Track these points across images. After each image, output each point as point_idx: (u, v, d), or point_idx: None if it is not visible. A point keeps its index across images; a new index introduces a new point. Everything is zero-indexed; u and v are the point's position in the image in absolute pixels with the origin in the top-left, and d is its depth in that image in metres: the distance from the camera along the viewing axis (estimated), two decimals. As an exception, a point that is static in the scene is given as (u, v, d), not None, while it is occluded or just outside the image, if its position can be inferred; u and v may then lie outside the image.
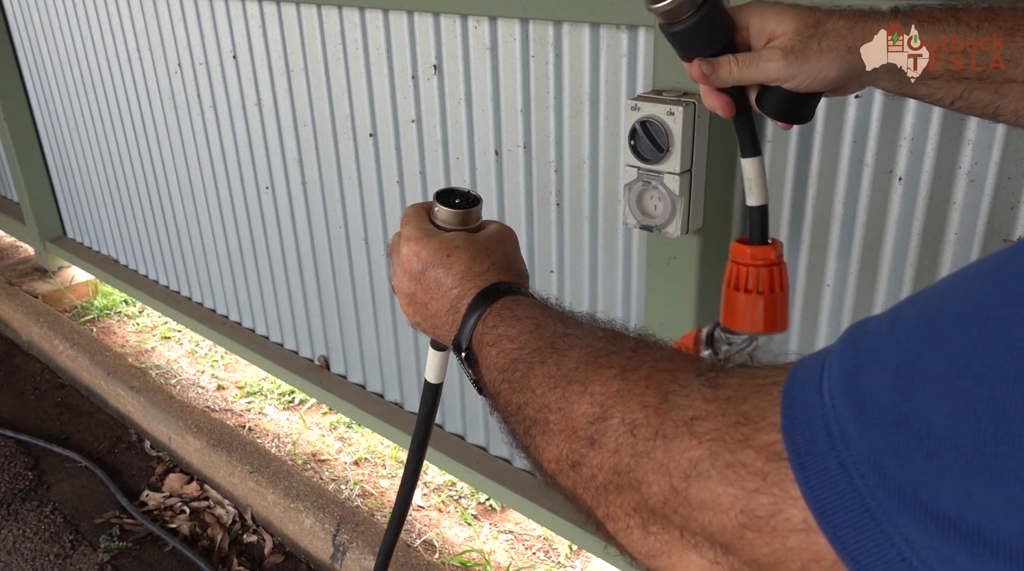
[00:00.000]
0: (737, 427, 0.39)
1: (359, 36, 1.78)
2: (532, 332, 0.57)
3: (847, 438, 0.35)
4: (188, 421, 2.45)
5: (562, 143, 1.52)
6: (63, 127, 3.05)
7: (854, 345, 0.37)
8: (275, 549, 2.16)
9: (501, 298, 0.63)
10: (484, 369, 0.61)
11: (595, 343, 0.52)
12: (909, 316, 0.36)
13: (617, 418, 0.45)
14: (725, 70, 0.70)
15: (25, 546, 2.22)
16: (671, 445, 0.42)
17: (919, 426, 0.32)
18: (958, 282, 0.36)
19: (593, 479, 0.46)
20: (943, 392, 0.32)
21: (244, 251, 2.45)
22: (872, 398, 0.34)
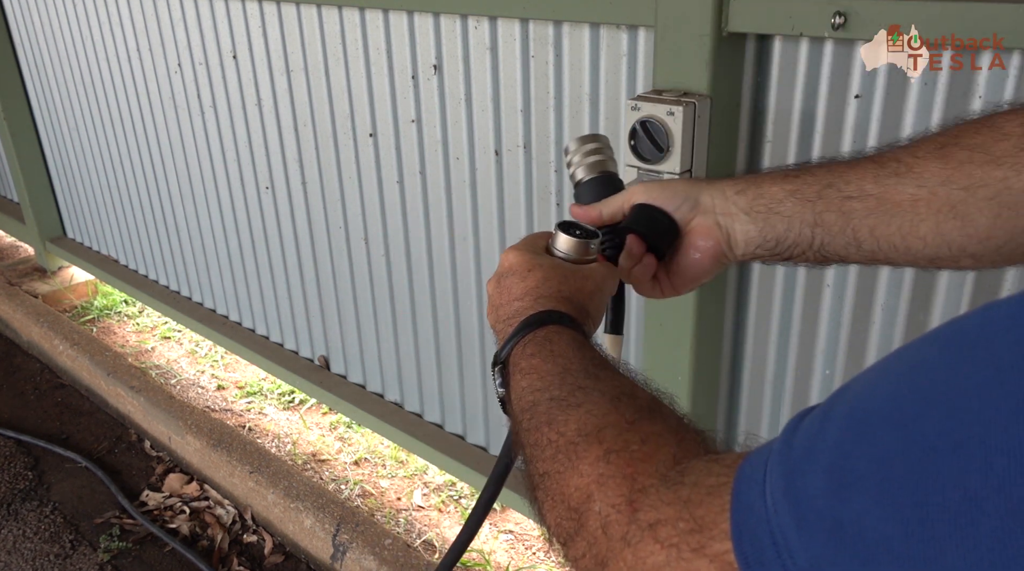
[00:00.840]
0: (692, 534, 0.41)
1: (359, 36, 1.78)
2: (558, 375, 0.60)
3: (790, 546, 0.36)
4: (188, 421, 2.45)
5: (562, 143, 1.52)
6: (63, 127, 3.05)
7: (790, 445, 0.38)
8: (275, 549, 2.16)
9: (548, 326, 0.65)
10: (513, 395, 0.63)
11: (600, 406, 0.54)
12: (837, 413, 0.37)
13: (596, 508, 0.48)
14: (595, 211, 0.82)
15: (25, 546, 2.22)
16: (637, 549, 0.44)
17: (852, 532, 0.33)
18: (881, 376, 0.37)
19: (579, 561, 0.49)
20: (872, 496, 0.33)
21: (244, 251, 2.45)
22: (808, 503, 0.35)
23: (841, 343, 1.29)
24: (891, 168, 0.66)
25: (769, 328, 1.37)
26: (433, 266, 1.89)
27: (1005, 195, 0.61)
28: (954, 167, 0.63)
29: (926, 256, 0.66)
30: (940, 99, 1.08)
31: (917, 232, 0.65)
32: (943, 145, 0.64)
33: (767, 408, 1.43)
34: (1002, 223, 0.61)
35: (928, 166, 0.64)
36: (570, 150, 0.87)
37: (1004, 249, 0.63)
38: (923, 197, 0.64)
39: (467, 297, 1.86)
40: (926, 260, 0.67)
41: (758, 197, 0.71)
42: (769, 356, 1.39)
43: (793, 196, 0.70)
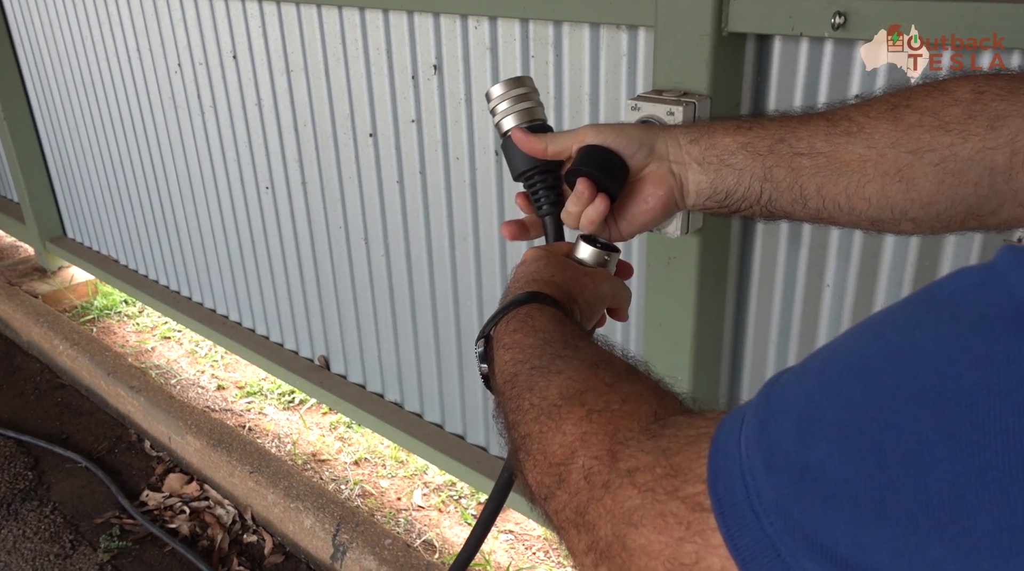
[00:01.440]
0: (668, 478, 0.43)
1: (359, 36, 1.78)
2: (538, 347, 0.61)
3: (759, 487, 0.38)
4: (188, 421, 2.45)
5: (562, 143, 1.51)
6: (63, 127, 3.05)
7: (768, 396, 0.41)
8: (275, 549, 2.16)
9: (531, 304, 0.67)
10: (497, 369, 0.64)
11: (580, 372, 0.56)
12: (812, 369, 0.39)
13: (579, 463, 0.49)
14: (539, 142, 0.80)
15: (25, 546, 2.22)
16: (616, 494, 0.46)
17: (817, 474, 0.35)
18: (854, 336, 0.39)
19: (559, 514, 0.50)
20: (835, 441, 0.35)
21: (244, 251, 2.45)
22: (778, 448, 0.38)
23: (841, 343, 1.29)
24: (843, 127, 0.66)
25: (769, 328, 1.37)
26: (433, 266, 1.89)
27: (950, 162, 0.61)
28: (904, 130, 0.63)
29: (869, 217, 0.67)
30: (940, 99, 1.08)
31: (863, 193, 0.66)
32: (895, 106, 0.65)
33: (767, 408, 1.43)
34: (944, 189, 0.62)
35: (879, 127, 0.65)
36: (493, 95, 0.82)
37: (944, 215, 0.64)
38: (871, 158, 0.65)
39: (467, 297, 1.86)
40: (868, 221, 0.68)
41: (710, 147, 0.72)
42: (769, 356, 1.39)
43: (745, 149, 0.70)
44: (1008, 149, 0.59)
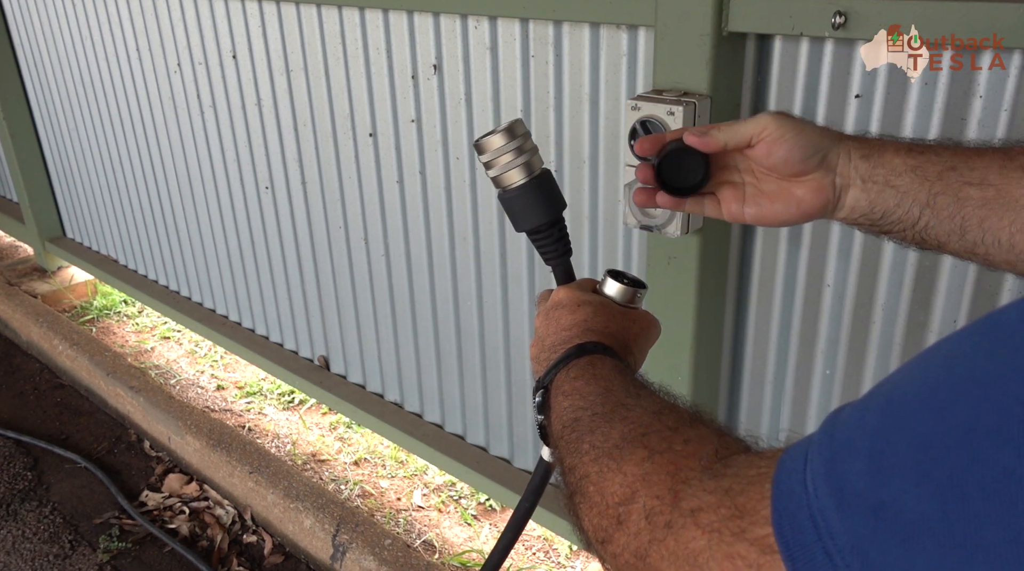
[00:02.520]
0: (733, 519, 0.42)
1: (359, 36, 1.78)
2: (600, 395, 0.61)
3: (831, 527, 0.37)
4: (188, 421, 2.45)
5: (562, 143, 1.52)
6: (63, 127, 3.05)
7: (831, 435, 0.40)
8: (275, 549, 2.16)
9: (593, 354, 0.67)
10: (554, 417, 0.64)
11: (643, 417, 0.56)
12: (876, 404, 0.38)
13: (640, 503, 0.49)
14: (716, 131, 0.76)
15: (24, 546, 2.22)
16: (679, 535, 0.45)
17: (893, 511, 0.34)
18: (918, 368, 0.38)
19: (618, 558, 0.49)
20: (911, 477, 0.34)
21: (244, 251, 2.45)
22: (850, 486, 0.37)
23: (841, 343, 1.29)
24: (1019, 162, 0.64)
25: (769, 328, 1.37)
26: (433, 266, 1.89)
27: None
28: None
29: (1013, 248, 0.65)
30: (940, 99, 1.08)
31: None
32: None
33: (767, 408, 1.43)
34: None
35: None
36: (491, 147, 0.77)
37: None
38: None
39: (467, 297, 1.86)
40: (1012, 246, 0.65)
41: (879, 165, 0.69)
42: (769, 356, 1.39)
43: (913, 171, 0.68)
44: None
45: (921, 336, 1.21)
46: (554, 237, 0.80)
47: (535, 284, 1.69)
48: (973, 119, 1.06)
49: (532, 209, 0.78)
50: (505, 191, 0.79)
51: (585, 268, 1.59)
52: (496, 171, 0.78)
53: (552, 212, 0.79)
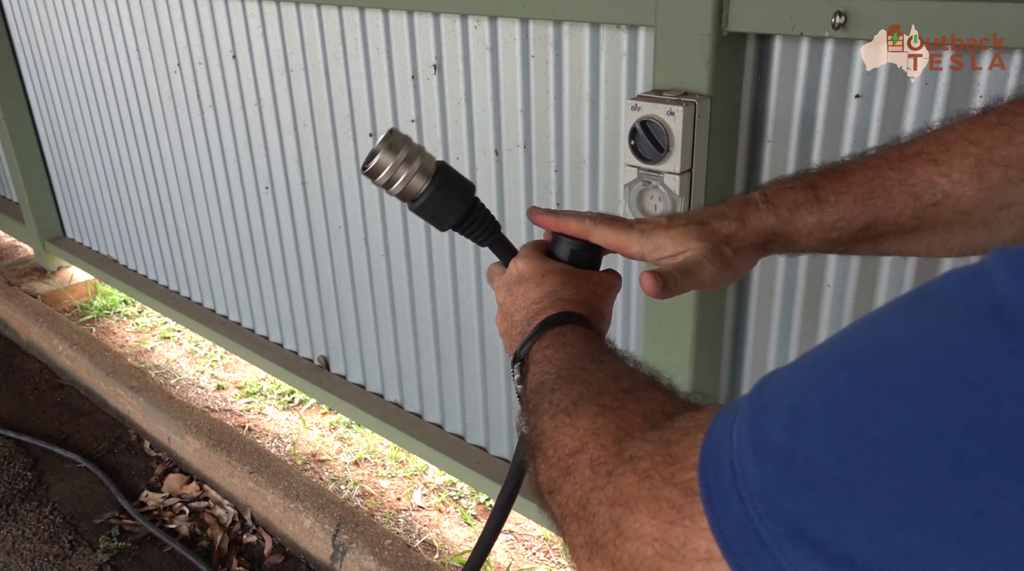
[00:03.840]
0: (665, 465, 0.45)
1: (359, 36, 1.78)
2: (566, 360, 0.64)
3: (746, 474, 0.39)
4: (188, 421, 2.45)
5: (562, 143, 1.52)
6: (63, 127, 3.05)
7: (762, 390, 0.42)
8: (275, 549, 2.16)
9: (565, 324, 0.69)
10: (527, 384, 0.66)
11: (602, 380, 0.58)
12: (805, 363, 0.41)
13: (588, 454, 0.51)
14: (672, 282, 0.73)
15: (24, 546, 2.22)
16: (617, 481, 0.47)
17: (801, 462, 0.37)
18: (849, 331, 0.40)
19: (563, 506, 0.52)
20: (820, 430, 0.37)
21: (244, 251, 2.45)
22: (767, 437, 0.39)
23: (841, 343, 1.29)
24: (928, 198, 0.65)
25: (769, 328, 1.37)
26: (433, 266, 1.89)
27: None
28: (990, 189, 0.63)
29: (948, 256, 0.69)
30: (940, 99, 1.08)
31: (945, 246, 0.67)
32: (978, 161, 0.63)
33: (767, 408, 1.43)
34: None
35: (964, 190, 0.64)
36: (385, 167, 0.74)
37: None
38: (958, 221, 0.65)
39: (467, 297, 1.86)
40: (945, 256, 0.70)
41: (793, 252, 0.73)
42: (769, 356, 1.39)
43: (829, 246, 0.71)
44: None
45: (921, 336, 1.20)
46: (479, 219, 0.79)
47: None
48: (973, 119, 1.06)
49: (448, 205, 0.78)
50: (415, 201, 0.77)
51: (585, 268, 1.59)
52: (399, 187, 0.76)
53: (467, 198, 0.79)
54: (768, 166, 1.27)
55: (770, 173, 1.27)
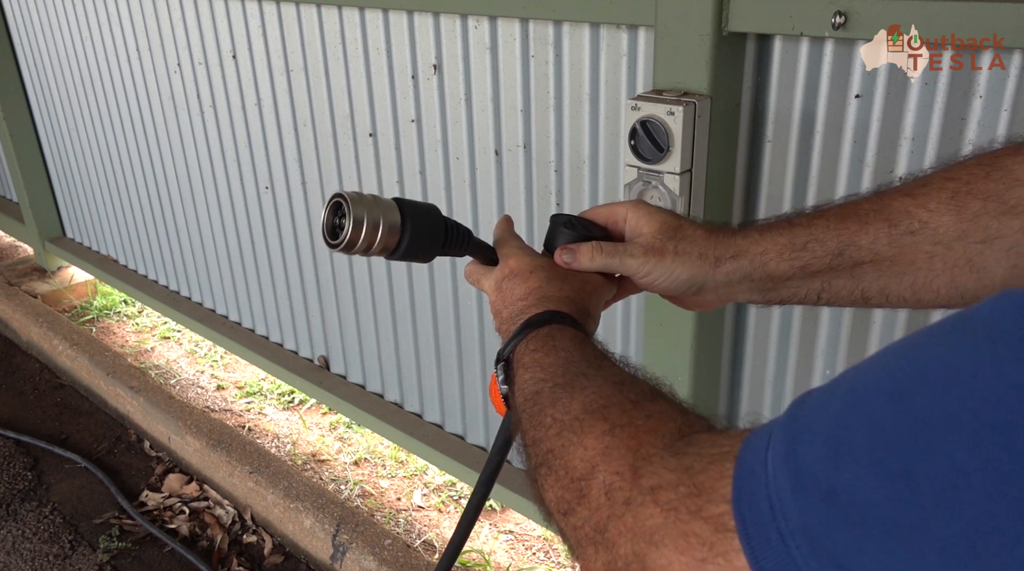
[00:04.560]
0: (691, 498, 0.42)
1: (359, 36, 1.78)
2: (560, 366, 0.61)
3: (785, 509, 0.37)
4: (188, 421, 2.45)
5: (562, 143, 1.52)
6: (63, 127, 3.05)
7: (795, 418, 0.40)
8: (275, 549, 2.16)
9: (551, 324, 0.67)
10: (517, 390, 0.64)
11: (604, 388, 0.56)
12: (841, 389, 0.38)
13: (600, 478, 0.49)
14: (587, 256, 0.74)
15: (24, 546, 2.22)
16: (638, 512, 0.45)
17: (845, 497, 0.35)
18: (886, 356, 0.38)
19: (578, 530, 0.50)
20: (864, 464, 0.34)
21: (244, 251, 2.45)
22: (806, 469, 0.37)
23: (841, 343, 1.29)
24: (904, 226, 0.64)
25: (769, 328, 1.37)
26: (433, 266, 1.89)
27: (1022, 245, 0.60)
28: (969, 220, 0.61)
29: (936, 305, 0.66)
30: (940, 99, 1.08)
31: (931, 286, 0.64)
32: (955, 193, 0.62)
33: (767, 408, 1.43)
34: (1019, 273, 0.61)
35: (942, 220, 0.62)
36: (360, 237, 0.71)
37: None
38: (939, 253, 0.63)
39: (467, 297, 1.86)
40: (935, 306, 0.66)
41: (764, 278, 0.69)
42: (769, 356, 1.39)
43: (802, 272, 0.68)
44: None
45: (921, 336, 1.20)
46: (454, 238, 0.78)
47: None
48: (973, 119, 1.06)
49: (425, 243, 0.76)
50: (393, 253, 0.75)
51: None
52: (378, 248, 0.73)
53: (438, 227, 0.76)
54: (768, 166, 1.27)
55: (770, 173, 1.27)
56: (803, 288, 0.69)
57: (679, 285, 0.72)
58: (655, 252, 0.71)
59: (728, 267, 0.69)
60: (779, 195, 1.27)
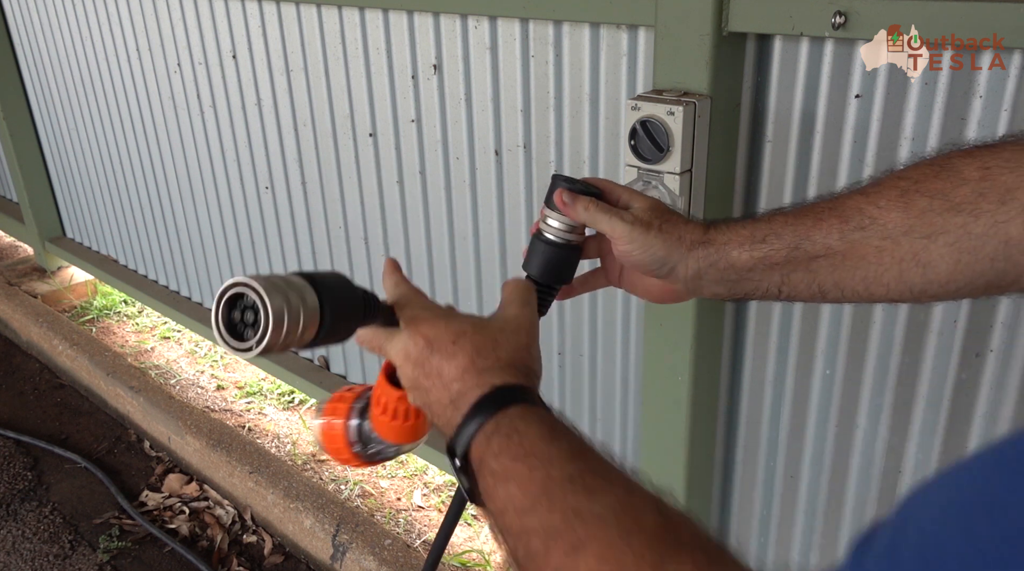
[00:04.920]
0: None
1: (359, 36, 1.78)
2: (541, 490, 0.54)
3: None
4: (188, 421, 2.45)
5: (562, 143, 1.52)
6: (63, 127, 3.05)
7: None
8: (275, 549, 2.16)
9: (504, 409, 0.60)
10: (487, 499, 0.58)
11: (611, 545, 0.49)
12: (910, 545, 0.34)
13: None
14: (582, 205, 0.76)
15: (24, 546, 2.22)
16: None
17: None
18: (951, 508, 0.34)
19: None
20: None
21: (244, 251, 2.45)
22: None
23: (841, 343, 1.29)
24: (855, 222, 0.67)
25: (769, 328, 1.37)
26: (433, 266, 1.89)
27: (965, 241, 0.62)
28: (916, 216, 0.64)
29: (888, 299, 0.69)
30: (940, 99, 1.08)
31: (881, 280, 0.67)
32: (904, 191, 0.65)
33: (767, 408, 1.43)
34: (962, 268, 0.63)
35: (891, 216, 0.66)
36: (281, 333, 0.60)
37: (964, 290, 0.65)
38: (887, 248, 0.66)
39: (467, 297, 1.86)
40: (887, 301, 0.70)
41: (727, 268, 0.72)
42: (769, 356, 1.39)
43: (761, 263, 0.71)
44: (1021, 220, 0.60)
45: (921, 336, 1.21)
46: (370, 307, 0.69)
47: (535, 284, 1.69)
48: (973, 119, 1.06)
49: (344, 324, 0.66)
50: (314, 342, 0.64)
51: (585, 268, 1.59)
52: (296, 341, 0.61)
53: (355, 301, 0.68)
54: (768, 166, 1.27)
55: (770, 173, 1.27)
56: (764, 280, 0.72)
57: (653, 261, 0.74)
58: (643, 223, 0.74)
59: (699, 252, 0.73)
60: (779, 195, 1.27)
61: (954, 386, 1.20)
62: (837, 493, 1.39)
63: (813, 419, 1.38)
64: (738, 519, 1.54)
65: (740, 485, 1.52)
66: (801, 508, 1.45)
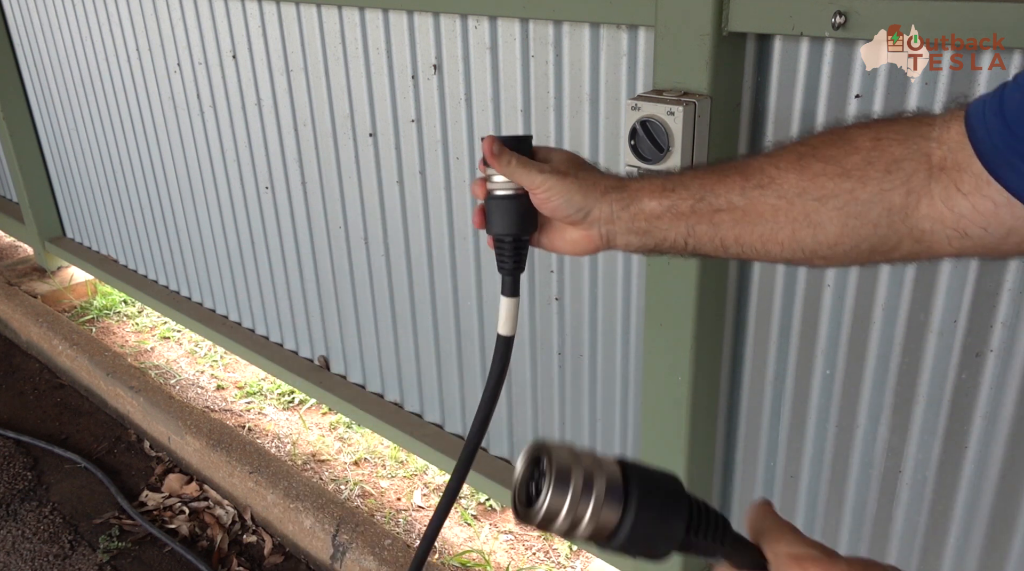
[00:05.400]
0: None
1: (359, 36, 1.78)
2: None
3: None
4: (188, 421, 2.45)
5: (562, 143, 1.52)
6: (63, 127, 3.05)
7: None
8: (275, 549, 2.16)
9: None
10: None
11: None
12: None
13: None
14: (505, 158, 0.80)
15: (24, 546, 2.22)
16: None
17: None
18: None
19: None
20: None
21: (244, 251, 2.45)
22: None
23: (841, 343, 1.29)
24: (755, 180, 0.72)
25: (769, 328, 1.37)
26: (433, 266, 1.89)
27: (852, 205, 0.67)
28: (809, 179, 0.69)
29: (783, 257, 0.73)
30: (940, 99, 1.08)
31: (776, 238, 0.72)
32: (802, 156, 0.70)
33: (767, 408, 1.43)
34: (848, 231, 0.68)
35: (788, 177, 0.70)
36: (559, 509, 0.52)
37: (851, 253, 0.70)
38: (782, 207, 0.70)
39: (467, 297, 1.86)
40: (782, 260, 0.74)
41: (639, 213, 0.77)
42: (769, 356, 1.39)
43: (669, 211, 0.76)
44: (903, 189, 0.64)
45: (921, 336, 1.21)
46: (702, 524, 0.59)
47: (535, 284, 1.69)
48: (973, 119, 1.06)
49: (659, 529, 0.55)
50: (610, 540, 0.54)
51: (585, 268, 1.59)
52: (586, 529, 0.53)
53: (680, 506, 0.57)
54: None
55: (770, 173, 1.27)
56: (672, 231, 0.76)
57: (570, 205, 0.78)
58: (559, 173, 0.78)
59: (612, 195, 0.77)
60: (779, 195, 1.27)
61: (954, 386, 1.20)
62: (837, 493, 1.39)
63: (813, 419, 1.38)
64: (738, 519, 1.54)
65: (740, 485, 1.52)
66: (801, 508, 1.45)
